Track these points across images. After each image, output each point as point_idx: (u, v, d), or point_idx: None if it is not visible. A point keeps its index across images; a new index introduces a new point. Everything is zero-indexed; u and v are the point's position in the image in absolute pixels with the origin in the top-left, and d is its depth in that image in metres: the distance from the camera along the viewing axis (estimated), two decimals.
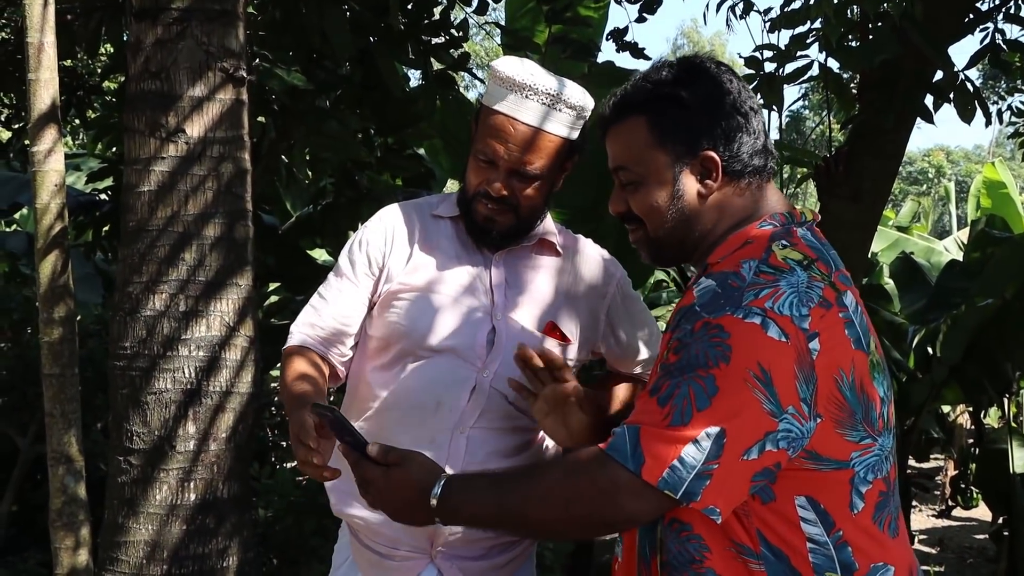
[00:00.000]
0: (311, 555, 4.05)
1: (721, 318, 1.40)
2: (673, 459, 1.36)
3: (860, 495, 1.46)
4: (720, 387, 1.37)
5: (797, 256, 1.47)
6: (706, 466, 1.36)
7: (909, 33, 3.24)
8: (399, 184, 5.45)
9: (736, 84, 1.58)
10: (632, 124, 1.59)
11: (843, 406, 1.43)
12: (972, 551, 8.13)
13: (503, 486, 1.49)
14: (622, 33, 4.21)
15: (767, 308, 1.39)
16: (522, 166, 1.92)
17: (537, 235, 2.07)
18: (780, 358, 1.38)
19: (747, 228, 1.55)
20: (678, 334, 1.45)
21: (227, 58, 2.99)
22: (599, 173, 6.05)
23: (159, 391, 2.94)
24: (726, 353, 1.37)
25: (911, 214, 12.37)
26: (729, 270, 1.46)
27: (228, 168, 3.01)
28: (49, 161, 2.79)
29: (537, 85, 1.91)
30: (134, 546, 2.93)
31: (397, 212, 2.08)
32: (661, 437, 1.37)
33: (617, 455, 1.39)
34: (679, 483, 1.36)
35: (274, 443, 5.46)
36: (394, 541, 1.98)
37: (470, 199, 1.98)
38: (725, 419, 1.36)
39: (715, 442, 1.36)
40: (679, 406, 1.38)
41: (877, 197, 3.74)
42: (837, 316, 1.44)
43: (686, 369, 1.39)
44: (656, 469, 1.36)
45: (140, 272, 2.96)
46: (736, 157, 1.55)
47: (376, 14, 4.15)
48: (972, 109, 3.62)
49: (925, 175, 38.94)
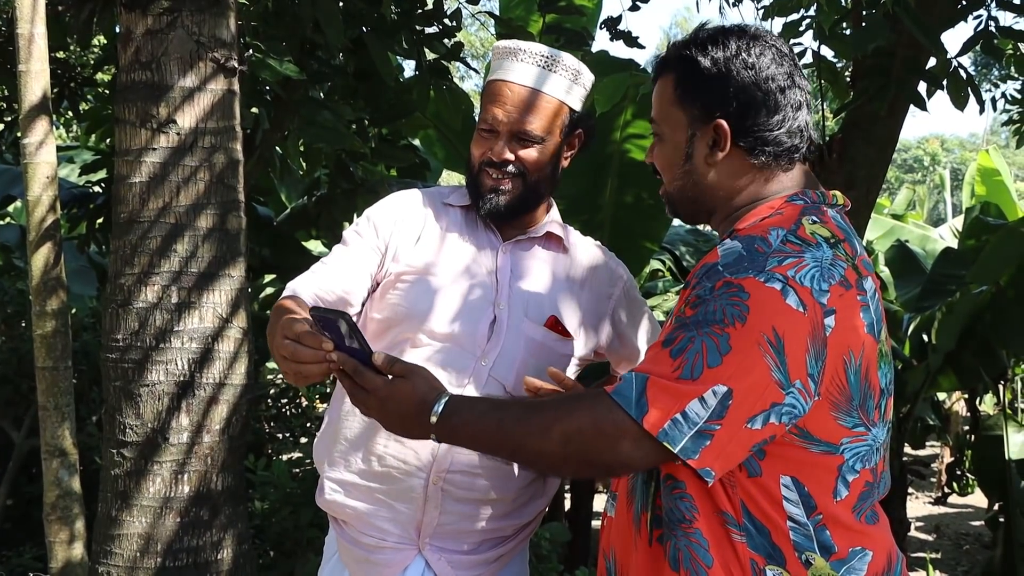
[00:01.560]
0: (307, 547, 4.05)
1: (743, 279, 1.39)
2: (676, 412, 1.36)
3: (846, 484, 1.46)
4: (733, 346, 1.36)
5: (825, 233, 1.47)
6: (708, 424, 1.36)
7: (902, 20, 3.23)
8: (394, 175, 5.44)
9: (767, 59, 1.54)
10: (664, 80, 1.61)
11: (843, 389, 1.43)
12: (968, 537, 8.16)
13: (505, 412, 1.49)
14: (616, 22, 4.20)
15: (789, 276, 1.39)
16: (521, 127, 1.95)
17: (544, 226, 2.07)
18: (795, 327, 1.38)
19: (777, 200, 1.55)
20: (698, 290, 1.44)
21: (218, 48, 2.98)
22: (594, 164, 6.07)
23: (152, 383, 2.94)
24: (743, 313, 1.37)
25: (906, 202, 12.39)
26: (757, 234, 1.46)
27: (220, 159, 3.00)
28: (40, 153, 2.79)
29: (530, 48, 1.96)
30: (128, 539, 2.93)
31: (409, 195, 2.09)
32: (667, 389, 1.37)
33: (621, 400, 1.39)
34: (679, 437, 1.36)
35: (270, 435, 5.46)
36: (383, 532, 1.96)
37: (476, 174, 2.00)
38: (734, 379, 1.36)
39: (720, 402, 1.35)
40: (690, 360, 1.37)
41: (871, 184, 3.73)
42: (855, 298, 1.44)
43: (702, 324, 1.39)
44: (658, 420, 1.36)
45: (132, 264, 2.95)
46: (750, 132, 1.53)
47: (369, 4, 4.13)
48: (965, 96, 3.62)
49: (920, 163, 38.98)
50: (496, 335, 1.96)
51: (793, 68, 1.57)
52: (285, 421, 5.49)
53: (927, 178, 34.55)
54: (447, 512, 1.94)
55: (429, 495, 1.92)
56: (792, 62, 1.57)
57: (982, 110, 3.83)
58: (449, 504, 1.93)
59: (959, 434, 9.57)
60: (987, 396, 9.33)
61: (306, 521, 4.00)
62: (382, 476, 1.94)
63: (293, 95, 4.06)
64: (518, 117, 1.94)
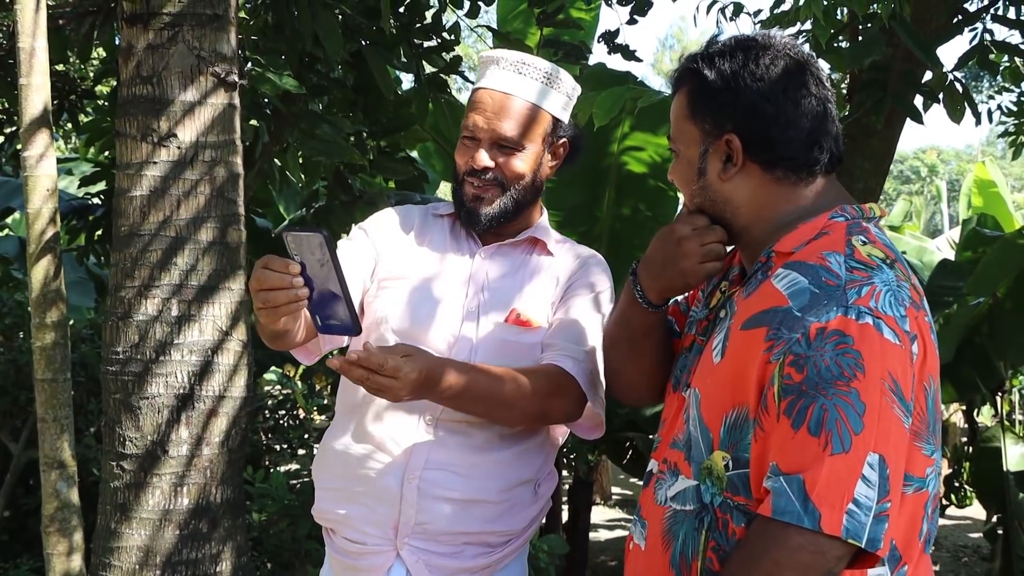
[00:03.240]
0: (305, 559, 4.05)
1: (834, 321, 1.28)
2: (848, 503, 1.24)
3: (927, 518, 1.38)
4: (866, 402, 1.25)
5: (880, 254, 1.37)
6: (880, 505, 1.25)
7: (898, 34, 3.25)
8: (392, 187, 5.46)
9: (778, 69, 1.47)
10: (679, 97, 1.56)
11: (924, 417, 1.35)
12: (967, 549, 8.16)
13: None
14: (613, 35, 4.22)
15: (872, 308, 1.29)
16: (500, 133, 1.96)
17: (529, 232, 2.08)
18: (901, 364, 1.28)
19: (817, 219, 1.45)
20: (788, 346, 1.31)
21: (219, 62, 2.99)
22: (592, 176, 6.08)
23: (152, 396, 2.94)
24: (859, 361, 1.26)
25: (903, 214, 12.42)
26: (815, 264, 1.35)
27: (220, 172, 3.01)
28: (41, 166, 2.79)
29: (509, 56, 1.98)
30: (127, 551, 2.93)
31: (401, 209, 2.15)
32: (829, 479, 1.25)
33: (791, 518, 1.26)
34: (860, 528, 1.25)
35: (268, 447, 5.45)
36: (364, 535, 1.97)
37: (460, 183, 2.03)
38: (880, 443, 1.25)
39: (880, 474, 1.25)
40: (834, 430, 1.25)
41: (868, 196, 3.75)
42: (925, 319, 1.36)
43: (822, 386, 1.26)
44: (834, 519, 1.24)
45: (132, 276, 2.96)
46: (765, 146, 1.46)
47: (368, 18, 4.15)
48: (961, 109, 3.64)
49: (917, 174, 39.05)
50: (464, 337, 1.98)
51: (809, 76, 1.49)
52: (283, 433, 5.49)
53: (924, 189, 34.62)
54: (424, 511, 1.93)
55: (404, 494, 1.92)
56: (809, 70, 1.49)
57: (978, 122, 3.85)
58: (426, 503, 1.93)
59: (957, 446, 9.57)
60: (985, 408, 9.32)
61: (304, 533, 4.00)
62: (361, 477, 1.96)
63: (292, 108, 4.08)
64: (499, 125, 1.96)
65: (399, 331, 1.98)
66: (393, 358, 1.64)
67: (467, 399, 1.81)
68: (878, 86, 3.53)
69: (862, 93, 3.57)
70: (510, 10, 6.05)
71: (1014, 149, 6.55)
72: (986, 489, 6.85)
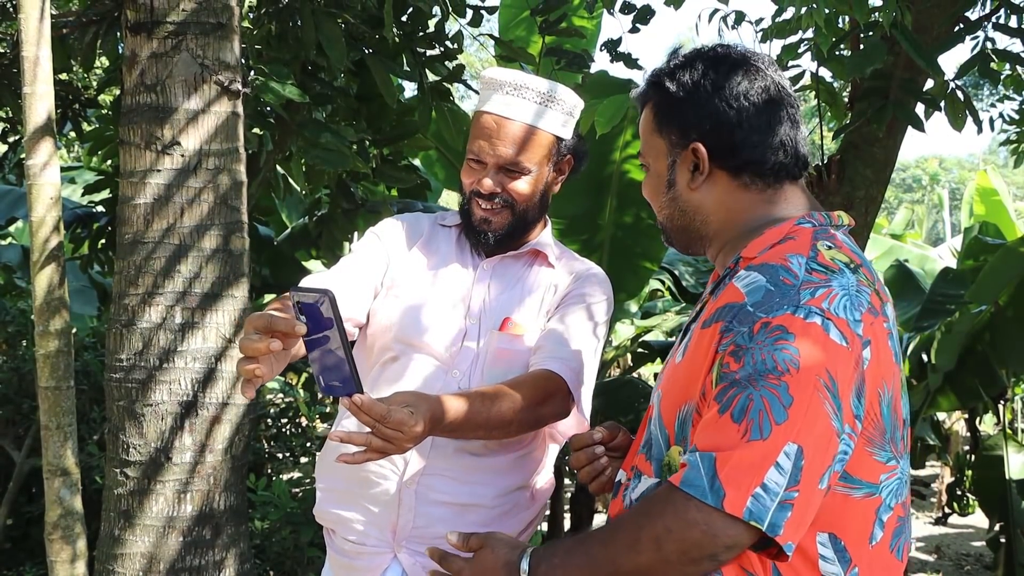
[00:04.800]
0: (307, 567, 4.05)
1: (780, 317, 1.31)
2: (756, 486, 1.26)
3: (881, 524, 1.38)
4: (794, 396, 1.27)
5: (844, 258, 1.39)
6: (787, 493, 1.26)
7: (900, 42, 3.26)
8: (394, 195, 5.47)
9: (738, 76, 1.49)
10: (646, 112, 1.59)
11: (878, 423, 1.36)
12: (969, 558, 8.13)
13: (588, 544, 1.41)
14: (616, 44, 4.22)
15: (824, 308, 1.31)
16: (508, 160, 1.99)
17: (529, 244, 2.11)
18: (844, 365, 1.30)
19: (784, 224, 1.47)
20: (734, 337, 1.34)
21: (222, 71, 3.00)
22: (594, 184, 6.06)
23: (155, 403, 2.95)
24: (794, 357, 1.28)
25: (905, 222, 12.44)
26: (777, 264, 1.37)
27: (224, 180, 3.02)
28: (45, 174, 2.80)
29: (516, 80, 1.99)
30: (131, 558, 2.93)
31: (410, 218, 2.18)
32: (739, 464, 1.27)
33: (694, 491, 1.28)
34: (763, 512, 1.26)
35: (270, 455, 5.45)
36: (362, 536, 2.01)
37: (467, 202, 2.06)
38: (802, 435, 1.27)
39: (795, 463, 1.26)
40: (755, 420, 1.28)
41: (870, 205, 3.75)
42: (883, 326, 1.37)
43: (755, 378, 1.29)
44: (739, 499, 1.26)
45: (136, 284, 2.97)
46: (727, 152, 1.49)
47: (371, 26, 4.16)
48: (963, 117, 3.64)
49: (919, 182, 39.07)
50: (465, 347, 2.01)
51: (771, 82, 1.51)
52: (285, 441, 5.48)
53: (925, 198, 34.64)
54: (421, 515, 1.96)
55: (403, 498, 1.96)
56: (770, 77, 1.52)
57: (979, 130, 3.86)
58: (423, 507, 1.96)
59: (959, 454, 9.55)
60: (987, 416, 9.32)
61: (306, 541, 4.00)
62: (361, 480, 1.99)
63: (296, 117, 4.09)
64: (505, 151, 1.98)
65: (403, 339, 2.01)
66: (396, 410, 1.61)
67: (468, 429, 1.81)
68: (879, 94, 3.53)
69: (863, 101, 3.57)
70: (511, 18, 6.06)
71: (1016, 157, 6.55)
72: (988, 497, 6.84)
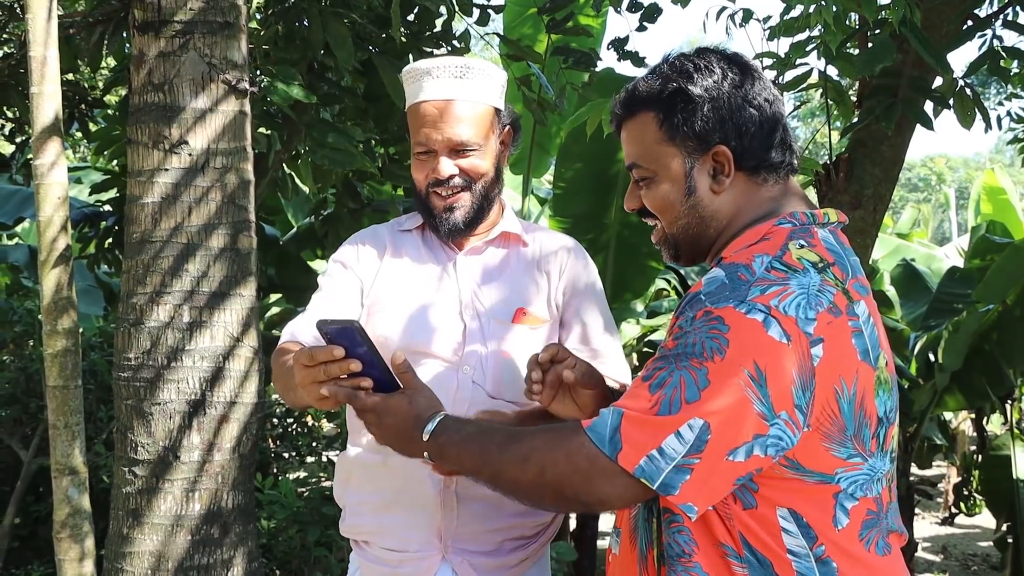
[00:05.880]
0: (314, 566, 4.05)
1: (722, 309, 1.36)
2: (652, 448, 1.33)
3: (845, 511, 1.41)
4: (712, 380, 1.33)
5: (813, 257, 1.42)
6: (686, 459, 1.33)
7: (908, 40, 3.25)
8: (401, 194, 5.47)
9: (747, 75, 1.52)
10: (643, 119, 1.55)
11: (835, 419, 1.38)
12: (976, 558, 8.12)
13: (489, 438, 1.49)
14: (623, 42, 4.22)
15: (772, 306, 1.35)
16: (455, 139, 1.98)
17: (498, 227, 2.11)
18: (778, 359, 1.34)
19: (764, 224, 1.50)
20: (680, 320, 1.41)
21: (230, 70, 3.01)
22: (599, 182, 6.05)
23: (163, 402, 2.95)
24: (723, 347, 1.34)
25: (911, 221, 12.42)
26: (741, 262, 1.42)
27: (231, 179, 3.02)
28: (52, 174, 2.80)
29: (440, 63, 1.99)
30: (139, 557, 2.94)
31: (366, 234, 2.15)
32: (643, 424, 1.35)
33: (595, 437, 1.37)
34: (656, 473, 1.34)
35: (276, 454, 5.46)
36: (405, 542, 2.00)
37: (425, 198, 2.04)
38: (712, 414, 1.32)
39: (698, 436, 1.32)
40: (668, 395, 1.34)
41: (878, 203, 3.74)
42: (846, 324, 1.39)
43: (681, 357, 1.36)
44: (633, 456, 1.34)
45: (144, 283, 2.97)
46: (750, 152, 1.50)
47: (378, 26, 4.17)
48: (972, 115, 3.63)
49: (926, 181, 38.99)
50: (470, 343, 2.00)
51: (768, 80, 1.55)
52: (291, 440, 5.49)
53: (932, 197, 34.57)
54: (465, 514, 1.98)
55: (444, 500, 1.97)
56: (762, 76, 1.54)
57: (988, 129, 3.85)
58: (465, 506, 1.98)
59: (966, 454, 9.54)
60: (994, 415, 9.29)
61: (313, 540, 4.00)
62: (397, 488, 1.99)
63: (303, 116, 4.10)
64: (452, 131, 1.98)
65: (405, 350, 1.96)
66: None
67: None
68: (888, 92, 3.52)
69: (872, 99, 3.56)
70: (516, 16, 6.07)
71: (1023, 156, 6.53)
72: (996, 497, 6.84)
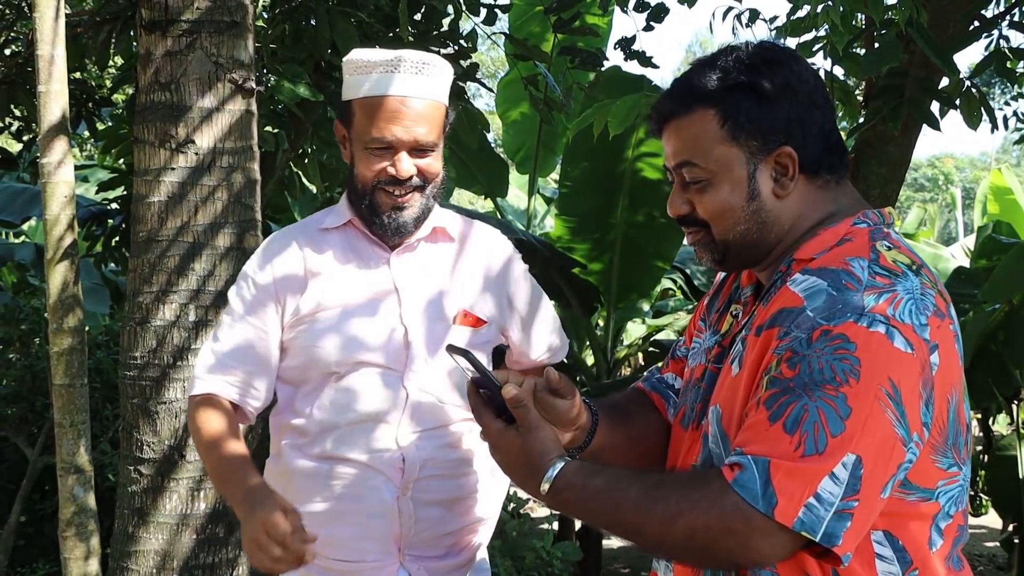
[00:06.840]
0: None
1: (843, 326, 1.25)
2: (808, 496, 1.22)
3: (940, 532, 1.34)
4: (852, 407, 1.22)
5: (905, 260, 1.34)
6: (844, 503, 1.22)
7: (915, 40, 3.25)
8: None
9: (809, 73, 1.43)
10: (700, 116, 1.42)
11: (943, 430, 1.31)
12: (982, 559, 8.10)
13: (623, 495, 1.34)
14: (630, 42, 4.22)
15: (890, 316, 1.25)
16: (419, 139, 1.90)
17: (429, 223, 2.01)
18: (909, 373, 1.25)
19: (840, 225, 1.40)
20: (790, 342, 1.28)
21: (236, 69, 3.01)
22: (606, 181, 6.04)
23: (169, 400, 2.95)
24: (855, 367, 1.23)
25: (917, 221, 12.40)
26: (838, 268, 1.31)
27: (238, 178, 3.03)
28: (59, 172, 2.81)
29: (406, 57, 1.90)
30: (144, 555, 2.94)
31: (279, 240, 2.01)
32: (794, 472, 1.23)
33: (747, 495, 1.24)
34: (817, 523, 1.22)
35: None
36: (361, 552, 1.93)
37: (369, 193, 1.92)
38: (861, 445, 1.22)
39: (852, 473, 1.22)
40: (811, 432, 1.23)
41: (884, 203, 3.74)
42: (949, 328, 1.32)
43: (811, 387, 1.24)
44: (790, 509, 1.22)
45: (150, 282, 2.98)
46: (812, 153, 1.41)
47: (385, 25, 4.17)
48: (978, 115, 3.62)
49: (933, 181, 38.91)
50: (413, 347, 1.93)
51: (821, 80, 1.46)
52: None
53: (938, 197, 34.51)
54: (421, 519, 1.93)
55: (401, 507, 1.91)
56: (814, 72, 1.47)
57: (994, 129, 3.84)
58: (421, 511, 1.92)
59: (972, 454, 9.50)
60: (1000, 416, 9.26)
61: None
62: (351, 496, 1.91)
63: (310, 116, 4.10)
64: (419, 131, 1.89)
65: (342, 361, 1.90)
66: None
67: None
68: (895, 92, 3.52)
69: (878, 99, 3.55)
70: (521, 14, 6.07)
71: None
72: (1002, 498, 6.80)
